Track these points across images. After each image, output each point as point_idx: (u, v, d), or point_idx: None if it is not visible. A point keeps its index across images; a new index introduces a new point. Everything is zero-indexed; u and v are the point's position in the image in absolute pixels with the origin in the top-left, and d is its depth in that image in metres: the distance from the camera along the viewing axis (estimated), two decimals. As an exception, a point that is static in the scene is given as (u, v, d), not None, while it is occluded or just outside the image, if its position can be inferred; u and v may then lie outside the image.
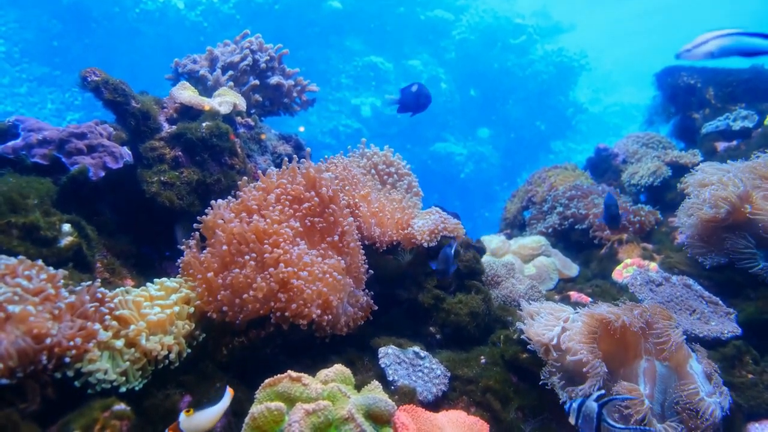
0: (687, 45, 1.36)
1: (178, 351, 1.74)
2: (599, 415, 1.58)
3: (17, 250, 1.79)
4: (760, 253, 2.48)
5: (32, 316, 1.44)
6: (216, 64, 3.15)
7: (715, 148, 3.95)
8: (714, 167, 2.81)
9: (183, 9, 13.29)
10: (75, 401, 1.50)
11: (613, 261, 3.18)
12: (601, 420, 1.59)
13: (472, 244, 2.70)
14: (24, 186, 1.99)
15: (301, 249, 2.01)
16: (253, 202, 2.12)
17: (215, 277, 1.91)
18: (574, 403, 1.66)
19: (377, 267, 2.40)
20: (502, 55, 15.45)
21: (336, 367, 1.64)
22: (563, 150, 16.42)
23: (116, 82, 2.39)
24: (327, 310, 1.94)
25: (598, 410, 1.59)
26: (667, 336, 1.86)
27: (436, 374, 1.97)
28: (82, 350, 1.53)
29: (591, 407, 1.61)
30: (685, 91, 4.45)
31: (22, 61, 12.36)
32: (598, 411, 1.59)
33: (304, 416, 1.38)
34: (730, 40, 1.37)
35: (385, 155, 2.80)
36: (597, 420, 1.58)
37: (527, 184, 4.46)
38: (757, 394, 2.02)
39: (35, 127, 2.25)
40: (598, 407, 1.60)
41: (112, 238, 2.28)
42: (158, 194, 2.33)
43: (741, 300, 2.53)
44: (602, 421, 1.59)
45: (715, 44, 1.36)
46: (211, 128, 2.50)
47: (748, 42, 1.36)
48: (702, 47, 1.36)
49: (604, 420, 1.59)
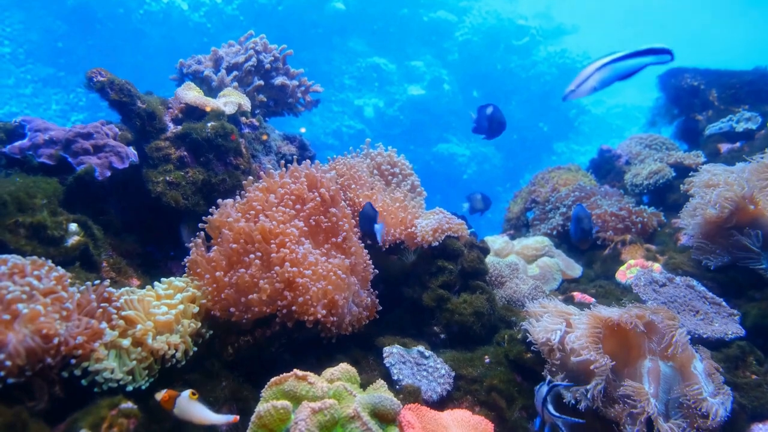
0: (570, 86, 1.37)
1: (185, 350, 1.75)
2: (544, 399, 1.73)
3: (25, 249, 1.81)
4: (764, 253, 2.48)
5: (41, 316, 1.45)
6: (220, 64, 3.16)
7: (718, 149, 3.94)
8: (718, 168, 2.81)
9: (187, 10, 13.33)
10: (82, 400, 1.51)
11: (616, 262, 3.18)
12: (545, 403, 1.73)
13: (476, 244, 2.70)
14: (31, 186, 2.01)
15: (306, 248, 2.02)
16: (257, 203, 2.13)
17: (223, 276, 1.93)
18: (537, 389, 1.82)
19: (382, 267, 2.41)
20: (505, 56, 15.46)
21: (341, 365, 1.65)
22: (566, 151, 16.41)
23: (122, 83, 2.41)
24: (332, 310, 1.95)
25: (545, 395, 1.74)
26: (671, 336, 1.86)
27: (441, 373, 1.98)
28: (89, 349, 1.55)
29: (541, 392, 1.76)
30: (689, 93, 4.44)
31: (27, 62, 12.41)
32: (544, 396, 1.74)
33: (310, 414, 1.39)
34: (608, 71, 1.39)
35: (389, 155, 2.81)
36: (542, 403, 1.74)
37: (530, 185, 4.46)
38: (761, 395, 2.02)
39: (42, 127, 2.27)
40: (546, 392, 1.75)
41: (118, 238, 2.30)
42: (163, 194, 2.34)
43: (745, 301, 2.52)
44: (545, 407, 1.73)
45: (594, 79, 1.37)
46: (216, 128, 2.52)
47: (623, 66, 1.38)
48: (584, 86, 1.37)
49: (546, 406, 1.72)
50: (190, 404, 1.50)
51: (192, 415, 1.54)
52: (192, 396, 1.51)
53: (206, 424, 1.55)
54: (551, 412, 1.71)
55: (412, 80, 14.90)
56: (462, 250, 2.52)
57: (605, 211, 3.52)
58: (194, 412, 1.54)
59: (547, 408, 1.71)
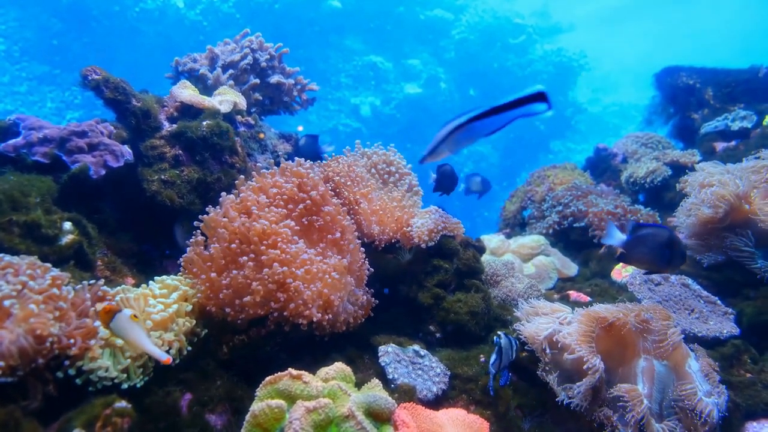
0: (426, 150, 1.31)
1: (179, 348, 1.75)
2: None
3: (18, 248, 1.80)
4: (758, 252, 2.49)
5: (34, 315, 1.45)
6: (216, 62, 3.15)
7: (713, 148, 3.96)
8: (713, 167, 2.82)
9: (183, 8, 13.29)
10: (76, 399, 1.51)
11: (612, 260, 3.18)
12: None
13: (471, 243, 2.70)
14: (25, 184, 2.00)
15: (299, 247, 2.01)
16: (250, 202, 2.12)
17: (218, 276, 1.92)
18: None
19: (377, 266, 2.41)
20: (501, 54, 15.47)
21: (336, 365, 1.65)
22: (562, 150, 16.45)
23: (117, 81, 2.40)
24: (328, 310, 1.95)
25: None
26: (665, 335, 1.87)
27: (436, 372, 1.98)
28: (83, 348, 1.54)
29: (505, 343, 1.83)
30: (684, 92, 4.46)
31: (22, 60, 12.35)
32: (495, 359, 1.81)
33: (304, 414, 1.39)
34: (463, 132, 1.29)
35: (386, 154, 2.81)
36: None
37: (526, 184, 4.47)
38: (755, 393, 2.03)
39: (36, 125, 2.25)
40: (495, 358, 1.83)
41: (112, 237, 2.29)
42: (159, 193, 2.33)
43: (740, 299, 2.54)
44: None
45: (449, 144, 1.29)
46: (212, 127, 2.51)
47: (482, 126, 1.27)
48: (439, 150, 1.30)
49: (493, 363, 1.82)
50: (129, 324, 1.46)
51: (128, 335, 1.49)
52: (133, 317, 1.48)
53: (139, 349, 1.51)
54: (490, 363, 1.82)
55: (409, 78, 14.90)
56: (458, 249, 2.52)
57: (601, 209, 3.53)
58: (130, 333, 1.49)
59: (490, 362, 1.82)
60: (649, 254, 2.02)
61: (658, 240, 1.99)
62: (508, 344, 1.81)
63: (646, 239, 2.01)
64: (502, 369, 1.81)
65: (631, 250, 2.05)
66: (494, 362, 1.79)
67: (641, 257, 2.05)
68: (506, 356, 1.80)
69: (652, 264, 2.04)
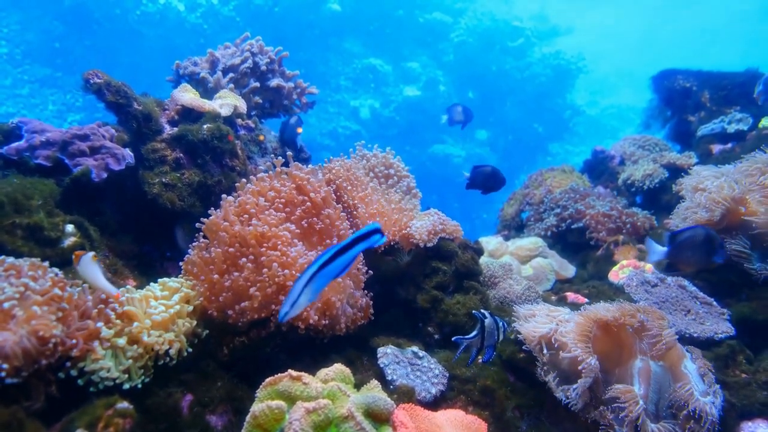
0: (284, 306, 1.36)
1: (179, 348, 1.76)
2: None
3: (21, 250, 1.82)
4: (754, 254, 2.51)
5: (37, 317, 1.47)
6: (217, 66, 3.18)
7: (710, 150, 3.98)
8: (708, 169, 2.84)
9: (183, 11, 13.32)
10: (79, 399, 1.53)
11: (609, 262, 3.21)
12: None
13: (470, 245, 2.72)
14: (28, 187, 2.02)
15: (298, 250, 2.03)
16: (250, 206, 2.14)
17: (220, 279, 1.94)
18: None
19: (376, 268, 2.42)
20: (499, 57, 15.51)
21: (336, 366, 1.67)
22: (560, 152, 16.46)
23: (118, 84, 2.42)
24: (327, 312, 1.97)
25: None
26: (660, 336, 1.89)
27: (435, 374, 2.00)
28: (85, 350, 1.56)
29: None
30: (681, 95, 4.48)
31: (23, 63, 12.37)
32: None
33: (304, 414, 1.40)
34: (319, 278, 1.35)
35: (384, 157, 2.83)
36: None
37: (524, 186, 4.50)
38: (750, 394, 2.05)
39: (38, 128, 2.27)
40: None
41: (114, 239, 2.31)
42: (160, 195, 2.35)
43: (735, 301, 2.55)
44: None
45: (307, 294, 1.35)
46: (212, 130, 2.53)
47: (333, 267, 1.34)
48: (300, 302, 1.35)
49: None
50: (89, 265, 1.63)
51: (86, 274, 1.66)
52: (94, 258, 1.67)
53: (96, 288, 1.68)
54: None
55: (408, 81, 14.93)
56: (456, 251, 2.54)
57: (598, 211, 3.55)
58: (89, 273, 1.66)
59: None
60: (694, 256, 2.17)
61: (697, 240, 2.14)
62: (492, 323, 1.82)
63: (685, 244, 2.16)
64: (486, 347, 1.83)
65: (675, 257, 2.20)
66: (473, 337, 1.81)
67: (688, 261, 2.21)
68: (490, 335, 1.81)
69: (699, 263, 2.19)
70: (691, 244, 2.16)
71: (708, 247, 2.16)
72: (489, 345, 1.84)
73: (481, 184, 2.75)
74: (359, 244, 1.36)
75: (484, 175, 2.76)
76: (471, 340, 1.82)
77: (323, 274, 1.36)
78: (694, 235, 2.16)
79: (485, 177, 2.75)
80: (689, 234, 2.17)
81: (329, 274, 1.38)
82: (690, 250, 2.18)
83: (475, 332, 1.82)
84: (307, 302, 1.38)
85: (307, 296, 1.37)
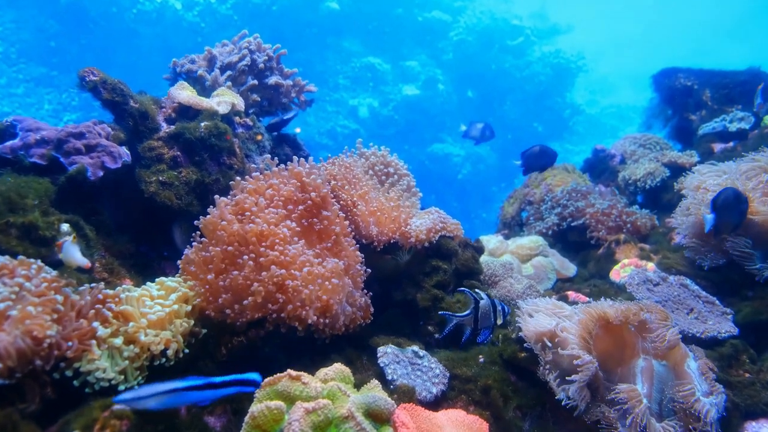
0: (128, 392, 1.37)
1: (176, 348, 1.74)
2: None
3: (16, 249, 1.79)
4: (757, 253, 2.49)
5: (32, 317, 1.44)
6: (214, 64, 3.15)
7: (711, 149, 3.96)
8: (710, 168, 2.82)
9: (180, 9, 13.28)
10: (75, 401, 1.50)
11: (610, 261, 3.19)
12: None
13: (470, 243, 2.70)
14: (22, 186, 1.99)
15: (297, 248, 2.01)
16: (248, 204, 2.12)
17: (216, 279, 1.92)
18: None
19: (375, 267, 2.40)
20: (499, 56, 15.49)
21: (335, 365, 1.65)
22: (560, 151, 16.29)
23: (114, 82, 2.39)
24: (326, 313, 1.95)
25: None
26: (663, 335, 1.87)
27: (435, 373, 1.97)
28: (81, 350, 1.54)
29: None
30: (682, 93, 4.47)
31: (19, 62, 12.33)
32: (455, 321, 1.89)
33: (304, 415, 1.38)
34: (173, 396, 1.38)
35: (383, 155, 2.81)
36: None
37: (524, 186, 4.48)
38: (754, 393, 2.03)
39: (33, 127, 2.25)
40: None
41: (110, 238, 2.28)
42: (157, 194, 2.33)
43: (738, 300, 2.54)
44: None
45: (151, 402, 1.36)
46: (210, 128, 2.51)
47: (198, 395, 1.36)
48: (140, 400, 1.36)
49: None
50: (69, 247, 1.84)
51: (65, 255, 1.85)
52: (74, 239, 1.89)
53: (72, 263, 1.86)
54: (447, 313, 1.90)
55: (407, 80, 14.91)
56: (456, 250, 2.52)
57: (599, 210, 3.53)
58: (67, 253, 1.85)
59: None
60: (731, 214, 2.42)
61: (729, 200, 2.39)
62: (488, 305, 1.81)
63: (724, 205, 2.40)
64: (482, 329, 1.81)
65: (720, 220, 2.44)
66: (464, 315, 1.79)
67: (729, 220, 2.44)
68: (485, 317, 1.81)
69: (736, 219, 2.44)
70: (726, 204, 2.38)
71: (738, 202, 2.39)
72: (485, 327, 1.81)
73: (536, 164, 2.93)
74: (231, 388, 1.39)
75: (535, 156, 2.92)
76: (462, 318, 1.79)
77: (184, 395, 1.39)
78: (726, 196, 2.38)
79: (536, 157, 2.92)
80: (723, 196, 2.39)
81: (186, 399, 1.40)
82: (727, 210, 2.39)
83: (468, 311, 1.79)
84: (148, 406, 1.38)
85: (154, 402, 1.37)
